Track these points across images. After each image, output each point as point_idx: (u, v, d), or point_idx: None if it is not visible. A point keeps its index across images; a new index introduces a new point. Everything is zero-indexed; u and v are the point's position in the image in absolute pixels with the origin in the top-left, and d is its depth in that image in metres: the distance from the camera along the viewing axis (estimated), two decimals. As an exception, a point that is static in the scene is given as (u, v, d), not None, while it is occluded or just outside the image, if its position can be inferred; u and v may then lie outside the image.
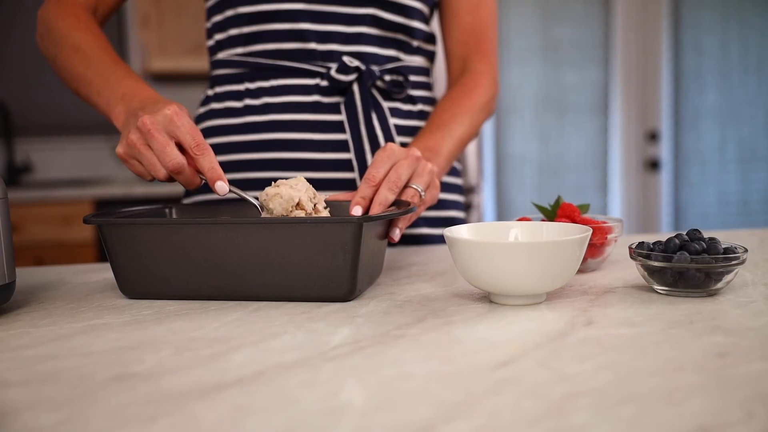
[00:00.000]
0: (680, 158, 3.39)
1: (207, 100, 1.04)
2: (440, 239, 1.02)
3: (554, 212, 0.77)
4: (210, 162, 0.69)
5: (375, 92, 0.96)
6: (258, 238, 0.63)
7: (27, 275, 0.82)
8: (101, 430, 0.36)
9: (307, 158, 0.96)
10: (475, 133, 0.98)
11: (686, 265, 0.60)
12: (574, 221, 0.75)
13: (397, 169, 0.72)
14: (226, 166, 0.99)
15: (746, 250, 0.63)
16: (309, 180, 0.96)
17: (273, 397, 0.40)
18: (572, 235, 0.64)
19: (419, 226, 1.01)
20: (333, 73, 0.93)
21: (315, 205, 0.69)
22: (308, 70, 0.95)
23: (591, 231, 0.62)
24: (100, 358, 0.48)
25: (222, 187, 0.68)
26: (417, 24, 0.99)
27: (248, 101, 0.98)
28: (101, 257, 2.53)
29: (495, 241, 0.59)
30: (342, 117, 0.95)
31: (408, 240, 1.00)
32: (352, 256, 0.61)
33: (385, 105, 0.97)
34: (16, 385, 0.43)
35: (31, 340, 0.53)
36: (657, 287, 0.64)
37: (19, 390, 0.42)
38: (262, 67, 0.96)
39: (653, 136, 3.34)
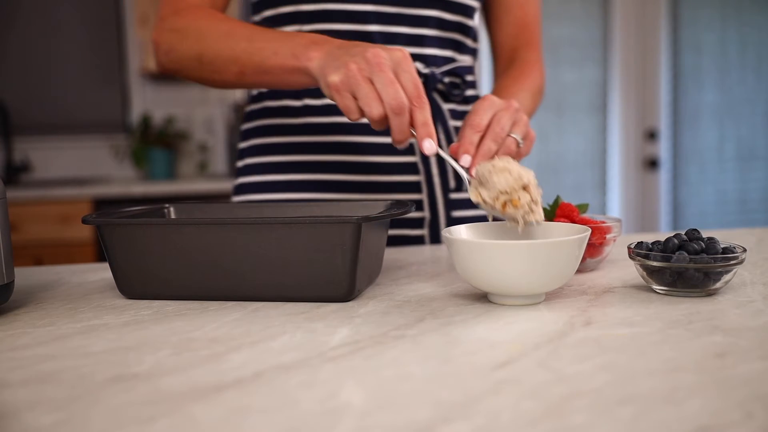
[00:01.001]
0: (679, 157, 3.39)
1: (260, 96, 1.01)
2: None
3: (553, 212, 0.77)
4: (425, 117, 0.66)
5: (435, 95, 0.96)
6: (257, 238, 0.63)
7: (26, 275, 0.81)
8: (100, 431, 0.36)
9: (371, 161, 0.95)
10: (532, 114, 0.98)
11: (685, 265, 0.61)
12: (573, 221, 0.75)
13: (500, 120, 0.72)
14: (283, 167, 0.97)
15: (745, 250, 0.63)
16: (372, 183, 0.95)
17: (272, 398, 0.40)
18: (571, 235, 0.64)
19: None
20: None
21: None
22: None
23: (590, 231, 0.62)
24: (99, 359, 0.48)
25: (431, 147, 0.66)
26: (472, 23, 1.00)
27: (308, 101, 0.96)
28: (100, 257, 2.53)
29: (493, 241, 0.59)
30: None
31: None
32: (351, 256, 0.61)
33: (444, 107, 0.97)
34: (15, 385, 0.43)
35: (30, 341, 0.53)
36: (656, 287, 0.64)
37: (18, 390, 0.42)
38: None
39: (652, 135, 3.34)
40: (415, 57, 0.95)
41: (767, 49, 3.36)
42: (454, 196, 0.98)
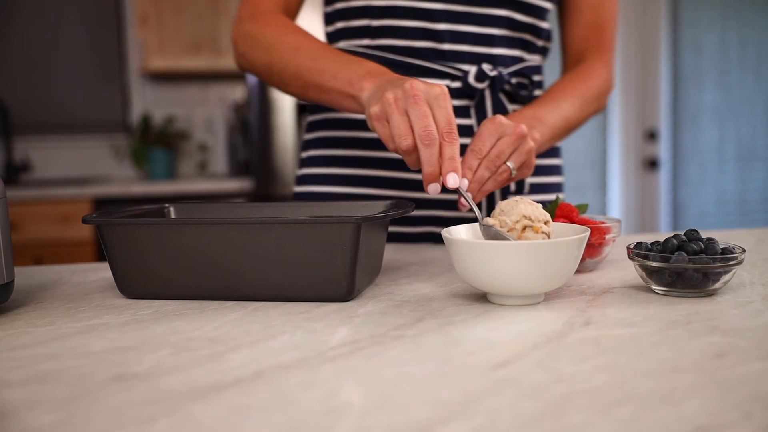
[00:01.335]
0: (679, 157, 3.40)
1: None
2: None
3: (552, 212, 0.77)
4: (453, 152, 0.67)
5: (502, 96, 0.95)
6: (257, 237, 0.63)
7: (26, 274, 0.82)
8: (100, 431, 0.36)
9: None
10: (583, 120, 0.95)
11: (684, 266, 0.61)
12: (572, 221, 0.75)
13: (500, 146, 0.73)
14: (345, 161, 0.98)
15: (744, 251, 0.63)
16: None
17: (272, 398, 0.40)
18: (570, 235, 0.64)
19: None
20: (471, 80, 0.92)
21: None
22: (438, 71, 0.93)
23: (589, 231, 0.62)
24: (98, 358, 0.48)
25: (454, 181, 0.66)
26: (545, 24, 0.99)
27: None
28: (100, 256, 2.53)
29: (493, 241, 0.59)
30: (471, 121, 0.94)
31: None
32: (351, 256, 0.61)
33: (510, 108, 0.96)
34: (15, 385, 0.44)
35: (30, 340, 0.53)
36: (655, 287, 0.64)
37: (18, 390, 0.43)
38: (390, 63, 0.93)
39: (652, 135, 3.34)
40: (484, 57, 0.94)
41: (767, 49, 3.36)
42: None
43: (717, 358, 0.45)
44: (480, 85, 0.92)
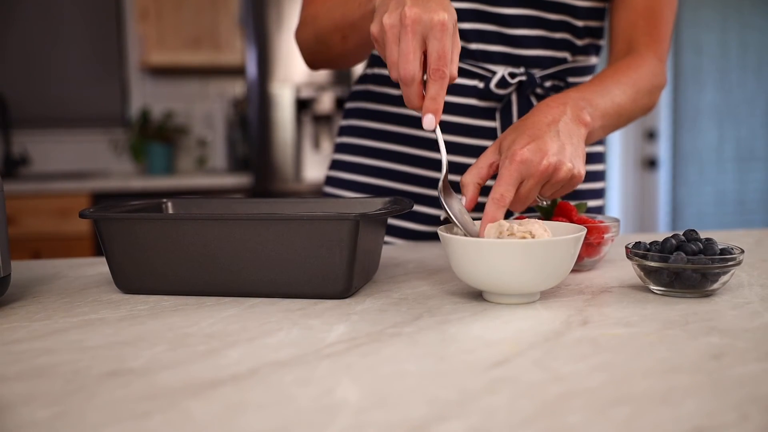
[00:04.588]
0: (678, 157, 3.40)
1: (365, 78, 1.02)
2: None
3: (551, 211, 0.77)
4: (436, 91, 0.63)
5: (533, 98, 0.92)
6: (254, 233, 0.63)
7: (23, 269, 0.81)
8: (96, 425, 0.36)
9: (456, 161, 0.93)
10: (635, 112, 0.85)
11: (683, 266, 0.61)
12: (571, 220, 0.75)
13: (524, 190, 0.67)
14: (375, 152, 0.98)
15: (743, 251, 0.63)
16: (453, 182, 0.93)
17: (268, 394, 0.40)
18: (566, 234, 0.64)
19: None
20: (492, 87, 0.89)
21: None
22: (468, 71, 0.91)
23: (585, 231, 0.62)
24: (95, 353, 0.48)
25: (430, 122, 0.63)
26: (583, 23, 0.93)
27: None
28: (98, 250, 2.53)
29: (489, 239, 0.59)
30: (495, 124, 0.92)
31: None
32: (349, 253, 0.61)
33: None
34: (10, 379, 0.43)
35: (26, 334, 0.53)
36: (653, 287, 0.64)
37: (14, 384, 0.42)
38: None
39: (651, 135, 3.34)
40: (516, 58, 0.91)
41: (767, 50, 3.36)
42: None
43: (714, 358, 0.45)
44: (502, 92, 0.90)
